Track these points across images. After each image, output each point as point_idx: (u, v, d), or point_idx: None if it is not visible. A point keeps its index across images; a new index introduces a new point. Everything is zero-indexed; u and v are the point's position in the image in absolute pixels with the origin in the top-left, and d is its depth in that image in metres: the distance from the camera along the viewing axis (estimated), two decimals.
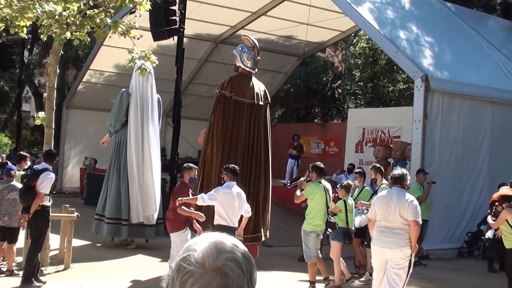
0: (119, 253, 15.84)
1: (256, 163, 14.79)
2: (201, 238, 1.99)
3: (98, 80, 29.02)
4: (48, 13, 11.51)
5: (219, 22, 27.37)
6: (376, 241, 10.05)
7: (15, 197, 12.55)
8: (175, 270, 1.93)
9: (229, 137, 14.55)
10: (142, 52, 12.20)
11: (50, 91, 13.46)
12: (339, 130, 29.21)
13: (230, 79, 15.15)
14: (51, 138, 13.58)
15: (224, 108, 14.71)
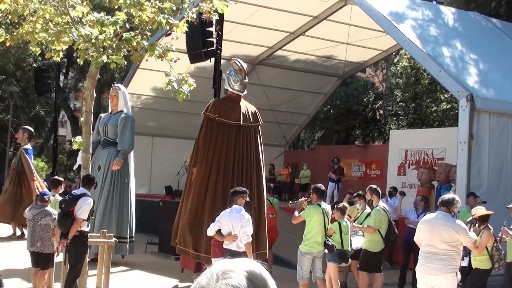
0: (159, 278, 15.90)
1: (247, 184, 14.81)
2: (217, 264, 2.00)
3: (135, 103, 29.23)
4: (84, 36, 11.68)
5: (256, 43, 27.51)
6: (420, 267, 10.03)
7: (48, 223, 12.68)
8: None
9: (211, 157, 14.95)
10: (180, 75, 12.31)
11: (87, 115, 13.61)
12: (380, 152, 29.06)
13: (215, 101, 15.61)
14: (89, 163, 13.71)
15: (207, 129, 15.19)
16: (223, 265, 1.96)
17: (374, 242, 13.57)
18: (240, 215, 11.77)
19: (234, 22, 23.50)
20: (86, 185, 12.44)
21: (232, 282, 1.88)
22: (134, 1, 11.50)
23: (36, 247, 12.69)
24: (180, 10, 12.71)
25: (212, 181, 14.86)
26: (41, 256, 12.79)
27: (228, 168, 15.02)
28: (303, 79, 30.39)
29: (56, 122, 32.74)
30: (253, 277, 1.92)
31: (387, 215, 13.71)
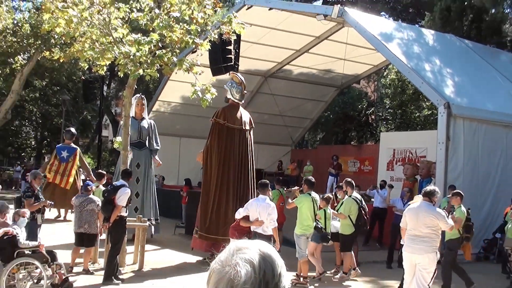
0: (185, 256, 15.94)
1: (245, 178, 15.41)
2: (235, 243, 2.00)
3: (166, 109, 29.40)
4: (124, 53, 11.78)
5: (267, 59, 27.58)
6: (406, 248, 10.08)
7: (93, 208, 12.83)
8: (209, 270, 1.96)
9: (223, 157, 15.18)
10: (203, 86, 12.36)
11: (126, 120, 13.70)
12: (372, 151, 29.01)
13: (223, 109, 15.62)
14: (127, 159, 13.81)
15: (219, 133, 15.34)
16: (239, 243, 1.97)
17: (346, 226, 13.64)
18: (266, 203, 11.77)
19: (249, 42, 23.56)
20: (125, 178, 12.54)
21: (246, 257, 1.89)
22: (166, 24, 11.58)
23: (84, 228, 12.81)
24: (204, 32, 12.80)
25: (225, 177, 15.12)
26: (87, 236, 12.93)
27: (235, 165, 15.30)
28: (307, 89, 30.42)
29: (100, 125, 32.90)
30: (264, 254, 1.93)
31: (357, 203, 13.71)
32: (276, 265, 1.95)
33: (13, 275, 9.77)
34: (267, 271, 1.91)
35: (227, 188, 15.13)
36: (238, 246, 1.96)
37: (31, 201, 12.14)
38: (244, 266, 1.88)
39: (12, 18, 29.47)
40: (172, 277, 13.12)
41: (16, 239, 9.96)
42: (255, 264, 1.89)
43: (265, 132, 31.04)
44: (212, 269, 1.93)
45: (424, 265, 9.78)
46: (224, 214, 14.95)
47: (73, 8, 11.81)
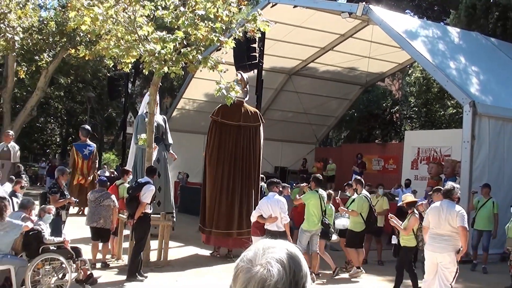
0: (209, 252, 16.01)
1: (242, 173, 15.73)
2: (259, 242, 2.00)
3: (190, 107, 29.48)
4: (149, 51, 11.85)
5: (292, 56, 27.55)
6: (428, 246, 10.07)
7: (109, 203, 12.97)
8: (234, 267, 1.95)
9: (216, 153, 15.68)
10: (228, 83, 12.39)
11: (151, 117, 13.77)
12: (397, 149, 28.85)
13: (219, 106, 15.96)
14: (152, 156, 13.88)
15: (214, 130, 15.91)
16: (267, 242, 1.97)
17: (357, 224, 13.75)
18: (276, 199, 11.83)
19: (274, 39, 23.54)
20: (150, 175, 12.62)
21: (277, 256, 1.89)
22: (191, 22, 11.62)
23: (99, 223, 12.96)
24: (229, 29, 12.82)
25: (219, 171, 15.56)
26: (103, 231, 13.10)
27: (229, 160, 15.65)
28: (331, 87, 30.36)
29: (125, 122, 33.06)
30: (292, 254, 1.94)
31: (368, 201, 13.83)
32: (303, 265, 1.96)
33: (38, 270, 9.87)
34: (297, 271, 1.91)
35: (221, 183, 15.53)
36: (267, 245, 1.96)
37: (56, 197, 12.24)
38: (275, 265, 1.88)
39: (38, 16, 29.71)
40: (195, 274, 13.18)
41: (42, 234, 10.06)
42: (285, 264, 1.90)
43: (289, 130, 31.05)
44: (239, 267, 1.92)
45: (445, 264, 9.77)
46: (217, 208, 15.42)
47: (99, 6, 11.89)
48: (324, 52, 27.26)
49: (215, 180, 15.56)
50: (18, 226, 9.89)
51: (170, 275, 12.80)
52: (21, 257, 10.23)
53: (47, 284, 9.92)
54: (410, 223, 11.46)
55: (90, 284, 10.65)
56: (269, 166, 29.72)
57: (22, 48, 29.34)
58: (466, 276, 13.46)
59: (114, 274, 12.52)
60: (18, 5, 27.27)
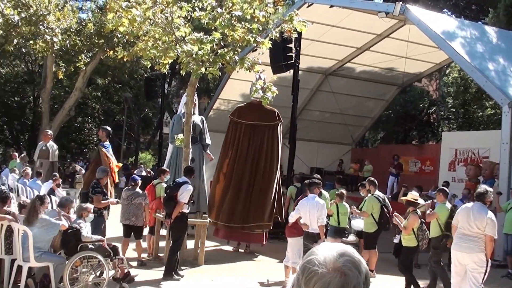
0: (243, 254, 16.09)
1: (257, 169, 16.16)
2: (322, 245, 2.04)
3: (226, 107, 29.55)
4: (186, 52, 11.94)
5: (328, 56, 27.47)
6: (454, 246, 10.05)
7: (140, 202, 13.12)
8: (300, 271, 1.97)
9: (231, 149, 16.30)
10: (264, 84, 12.43)
11: (188, 117, 13.86)
12: (434, 151, 28.56)
13: (238, 107, 16.87)
14: (189, 156, 13.98)
15: (229, 128, 16.62)
16: (335, 246, 2.01)
17: (369, 224, 13.67)
18: (315, 201, 11.78)
19: (310, 39, 23.52)
20: (187, 175, 12.70)
21: (351, 260, 1.95)
22: (228, 23, 11.68)
23: (131, 221, 13.10)
24: (265, 30, 12.85)
25: (229, 168, 16.17)
26: (135, 228, 13.23)
27: (243, 157, 16.13)
28: (368, 87, 30.21)
29: (161, 122, 33.27)
30: (359, 257, 1.99)
31: (379, 202, 13.66)
32: (368, 269, 2.01)
33: (76, 268, 10.00)
34: (367, 275, 1.97)
35: (230, 180, 16.06)
36: (336, 249, 1.99)
37: (100, 197, 12.34)
38: (352, 269, 1.93)
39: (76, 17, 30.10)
40: (231, 273, 13.24)
41: (80, 232, 10.21)
42: (359, 267, 1.96)
43: (325, 130, 30.98)
44: (311, 271, 1.94)
45: (472, 265, 9.72)
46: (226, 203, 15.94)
47: (137, 7, 12.02)
48: (360, 52, 27.15)
49: (225, 175, 16.18)
50: (56, 225, 10.06)
51: (206, 275, 12.88)
52: (60, 255, 10.41)
53: (85, 282, 10.05)
54: (410, 222, 11.43)
55: (127, 282, 10.78)
56: (305, 167, 29.69)
57: (61, 50, 29.75)
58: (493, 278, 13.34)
59: (151, 272, 12.64)
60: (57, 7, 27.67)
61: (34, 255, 9.77)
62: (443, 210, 12.31)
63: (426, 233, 11.64)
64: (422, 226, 11.60)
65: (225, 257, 15.47)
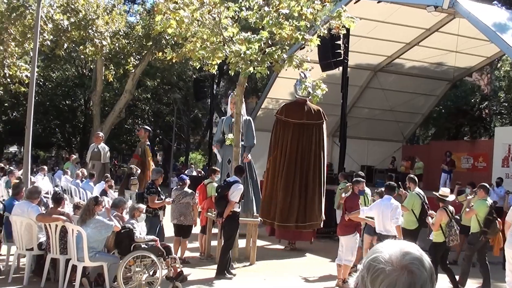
0: (294, 253, 16.09)
1: (303, 169, 16.09)
2: (385, 243, 2.03)
3: (274, 106, 29.52)
4: (235, 52, 12.00)
5: (377, 53, 27.26)
6: (508, 243, 9.87)
7: (188, 201, 13.28)
8: (365, 269, 1.95)
9: (280, 149, 16.18)
10: (314, 82, 12.41)
11: (237, 117, 13.94)
12: (486, 146, 28.09)
13: (284, 105, 16.89)
14: (239, 156, 14.04)
15: (277, 127, 16.45)
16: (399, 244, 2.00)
17: (409, 222, 13.43)
18: (390, 203, 11.63)
19: (358, 36, 23.37)
20: (238, 174, 12.76)
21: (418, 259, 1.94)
22: (275, 22, 11.70)
23: (179, 220, 13.23)
24: (313, 27, 12.83)
25: (280, 167, 16.06)
26: (183, 227, 13.37)
27: (293, 157, 16.04)
28: (418, 83, 29.86)
29: (210, 123, 33.58)
30: (424, 255, 1.98)
31: (420, 199, 13.49)
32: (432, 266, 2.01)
33: (130, 267, 10.13)
34: (432, 273, 1.97)
35: (282, 179, 16.00)
36: (401, 246, 1.99)
37: (155, 197, 12.47)
38: (419, 267, 1.93)
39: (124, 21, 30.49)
40: (283, 272, 13.26)
41: (133, 232, 10.35)
42: (425, 265, 1.95)
43: (375, 127, 30.74)
44: (377, 269, 1.93)
45: None
46: (280, 203, 15.89)
47: (184, 9, 12.12)
48: (409, 47, 26.85)
49: (276, 175, 16.11)
50: (109, 226, 10.23)
51: (259, 273, 12.92)
52: (113, 254, 10.57)
53: (138, 281, 10.18)
54: (437, 218, 11.47)
55: (180, 281, 10.87)
56: (355, 165, 29.47)
57: (110, 53, 30.19)
58: None
59: (203, 272, 12.73)
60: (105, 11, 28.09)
61: (89, 255, 9.94)
62: (482, 206, 12.17)
63: (454, 230, 11.54)
64: (451, 223, 11.51)
65: (276, 255, 15.49)
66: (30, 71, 16.89)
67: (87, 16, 26.35)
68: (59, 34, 26.38)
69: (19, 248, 10.82)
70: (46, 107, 45.11)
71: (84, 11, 26.27)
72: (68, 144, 51.56)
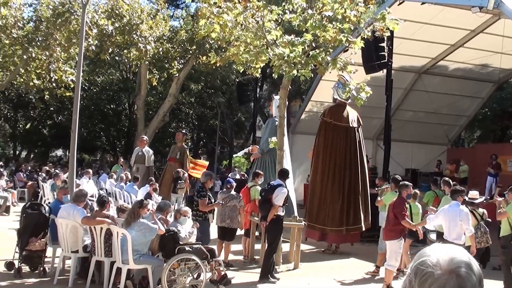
0: (337, 256, 15.97)
1: (351, 172, 15.88)
2: (433, 246, 2.02)
3: (318, 109, 29.40)
4: (278, 55, 11.97)
5: (421, 55, 26.97)
6: None
7: (235, 204, 13.27)
8: (412, 273, 1.94)
9: (329, 154, 15.86)
10: (358, 84, 12.31)
11: (281, 120, 13.90)
12: None
13: (329, 108, 16.37)
14: (282, 159, 14.00)
15: (326, 131, 15.99)
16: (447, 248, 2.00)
17: None
18: (459, 209, 11.37)
19: (402, 38, 23.14)
20: (282, 177, 12.70)
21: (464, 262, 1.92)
22: (319, 24, 11.64)
23: (226, 223, 13.21)
24: (357, 29, 12.74)
25: (330, 171, 15.82)
26: (229, 230, 13.37)
27: (341, 161, 15.85)
28: (463, 85, 29.47)
29: (254, 126, 33.54)
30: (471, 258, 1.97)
31: None
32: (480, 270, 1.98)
33: (174, 270, 10.16)
34: (481, 277, 1.95)
35: (332, 183, 15.76)
36: (449, 250, 1.98)
37: (205, 201, 12.51)
38: (468, 271, 1.91)
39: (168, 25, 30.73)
40: (327, 277, 13.16)
41: (177, 235, 10.38)
42: (473, 269, 1.93)
43: (419, 130, 30.44)
44: (425, 273, 1.92)
45: None
46: (330, 207, 15.65)
47: (228, 13, 12.13)
48: (454, 49, 26.50)
49: (328, 179, 15.85)
50: (154, 229, 10.26)
51: (302, 278, 12.85)
52: (158, 257, 10.61)
53: (183, 284, 10.20)
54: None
55: (224, 284, 10.87)
56: (399, 168, 29.17)
57: (154, 57, 30.45)
58: None
59: (247, 275, 12.70)
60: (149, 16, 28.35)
61: (133, 258, 9.99)
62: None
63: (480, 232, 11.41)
64: (478, 225, 11.37)
65: (320, 259, 15.40)
66: (76, 75, 17.10)
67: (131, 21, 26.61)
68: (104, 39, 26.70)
69: (64, 250, 10.94)
70: (91, 111, 45.67)
71: (128, 16, 26.54)
72: (113, 147, 52.13)
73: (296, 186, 28.87)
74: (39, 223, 11.32)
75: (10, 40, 26.04)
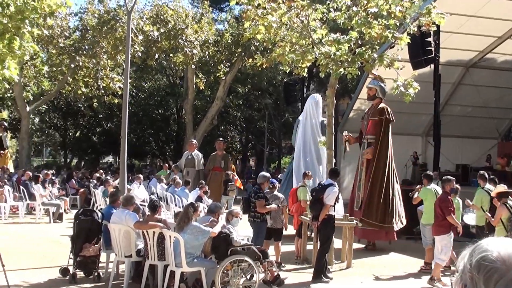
0: (394, 255, 15.77)
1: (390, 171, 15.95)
2: (488, 241, 1.95)
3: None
4: (324, 54, 11.88)
5: (468, 48, 26.51)
6: None
7: (277, 204, 13.09)
8: (474, 269, 1.88)
9: (390, 152, 15.94)
10: (405, 81, 12.16)
11: (329, 119, 13.80)
12: None
13: (388, 108, 16.05)
14: (332, 158, 13.90)
15: (388, 130, 15.99)
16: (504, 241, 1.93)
17: (480, 218, 13.38)
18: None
19: (448, 32, 22.79)
20: (332, 176, 12.61)
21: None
22: (364, 21, 11.53)
23: (270, 224, 13.11)
24: (403, 25, 12.58)
25: (391, 170, 15.88)
26: (274, 231, 13.25)
27: (391, 157, 16.01)
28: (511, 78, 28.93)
29: None
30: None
31: (489, 195, 13.17)
32: None
33: (227, 271, 10.16)
34: None
35: (392, 181, 15.80)
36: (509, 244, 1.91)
37: (263, 202, 12.49)
38: None
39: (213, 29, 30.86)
40: (380, 276, 12.99)
41: (230, 237, 10.37)
42: None
43: (469, 125, 29.96)
44: (490, 268, 1.86)
45: None
46: (391, 204, 15.57)
47: (272, 14, 12.10)
48: (502, 41, 25.97)
49: (389, 178, 15.78)
50: (206, 232, 10.26)
51: (355, 277, 12.72)
52: (211, 259, 10.61)
53: (236, 285, 10.18)
54: (497, 213, 11.38)
55: (277, 285, 10.82)
56: (450, 164, 28.73)
57: (200, 61, 30.60)
58: None
59: (300, 275, 12.64)
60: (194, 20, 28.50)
61: (186, 261, 10.00)
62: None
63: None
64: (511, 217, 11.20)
65: (371, 257, 15.22)
66: (123, 82, 17.25)
67: (176, 26, 26.82)
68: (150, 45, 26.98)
69: (118, 255, 11.01)
70: (140, 117, 46.17)
71: (173, 21, 26.75)
72: (162, 152, 52.58)
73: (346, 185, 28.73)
74: (92, 229, 11.42)
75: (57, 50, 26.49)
